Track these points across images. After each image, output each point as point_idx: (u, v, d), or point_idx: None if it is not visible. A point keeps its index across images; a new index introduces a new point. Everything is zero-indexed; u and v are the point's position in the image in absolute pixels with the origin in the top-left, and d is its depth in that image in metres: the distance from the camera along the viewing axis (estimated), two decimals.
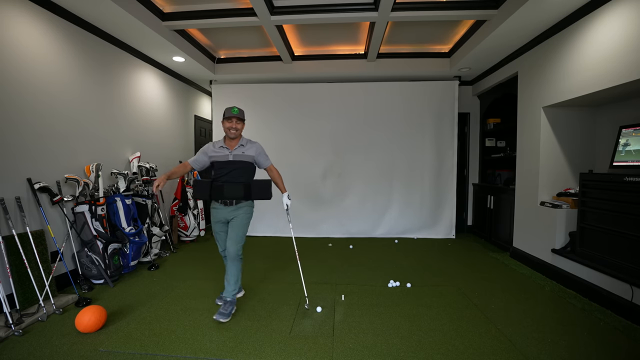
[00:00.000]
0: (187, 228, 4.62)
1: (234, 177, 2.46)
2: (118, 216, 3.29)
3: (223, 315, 2.31)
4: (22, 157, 2.57)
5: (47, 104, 2.79)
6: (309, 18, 3.45)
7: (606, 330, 2.22)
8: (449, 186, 4.93)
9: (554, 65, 3.20)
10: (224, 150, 2.48)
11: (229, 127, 2.45)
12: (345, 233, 5.02)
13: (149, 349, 1.98)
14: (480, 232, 4.94)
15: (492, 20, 3.35)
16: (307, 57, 4.75)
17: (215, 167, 2.49)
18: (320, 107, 5.03)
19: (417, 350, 1.98)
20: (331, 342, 2.07)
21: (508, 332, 2.18)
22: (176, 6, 3.44)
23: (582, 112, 3.37)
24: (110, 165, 3.51)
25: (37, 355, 1.91)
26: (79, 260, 2.95)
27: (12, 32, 2.51)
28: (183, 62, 4.38)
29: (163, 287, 2.98)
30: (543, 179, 3.43)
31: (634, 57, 2.34)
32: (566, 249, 3.11)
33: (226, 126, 2.46)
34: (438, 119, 4.89)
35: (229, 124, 2.45)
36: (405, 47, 4.52)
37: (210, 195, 2.45)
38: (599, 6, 2.66)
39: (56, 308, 2.44)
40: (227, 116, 2.44)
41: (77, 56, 3.11)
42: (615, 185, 2.55)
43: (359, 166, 5.02)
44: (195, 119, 5.56)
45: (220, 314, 2.32)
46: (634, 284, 2.32)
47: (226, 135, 2.50)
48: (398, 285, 3.02)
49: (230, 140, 2.50)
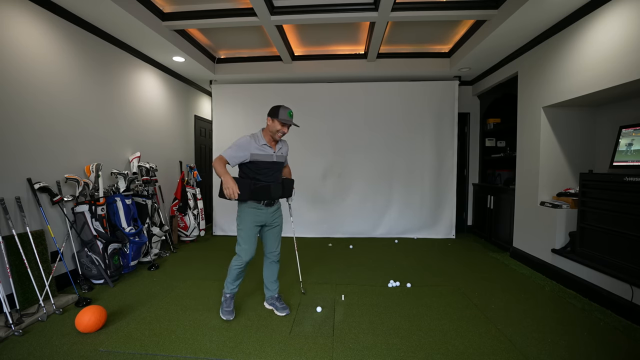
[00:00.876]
0: (187, 228, 4.62)
1: (276, 177, 2.38)
2: (118, 216, 3.29)
3: (285, 309, 2.45)
4: (22, 157, 2.57)
5: (47, 104, 2.79)
6: (309, 18, 3.45)
7: (606, 330, 2.21)
8: (449, 186, 4.93)
9: (554, 65, 3.20)
10: (268, 150, 2.31)
11: (280, 131, 2.27)
12: (345, 233, 5.03)
13: (149, 349, 1.98)
14: (480, 232, 4.94)
15: (492, 20, 3.35)
16: (307, 57, 4.75)
17: (256, 166, 2.28)
18: (320, 107, 5.03)
19: (417, 350, 1.98)
20: (331, 342, 2.07)
21: (508, 332, 2.18)
22: (176, 6, 3.44)
23: (582, 112, 3.37)
24: (110, 165, 3.51)
25: (37, 355, 1.91)
26: (79, 260, 2.95)
27: (12, 32, 2.51)
28: (183, 62, 4.38)
29: (163, 287, 2.98)
30: (543, 179, 3.43)
31: (634, 57, 2.34)
32: (566, 249, 3.11)
33: (277, 129, 2.26)
34: (438, 119, 4.89)
35: (282, 127, 2.27)
36: (405, 47, 4.52)
37: (251, 196, 2.25)
38: (599, 6, 2.66)
39: (56, 308, 2.44)
40: (283, 119, 2.23)
41: (77, 56, 3.11)
42: (615, 185, 2.55)
43: (359, 166, 5.02)
44: (195, 119, 5.56)
45: (283, 309, 2.45)
46: (634, 284, 2.32)
47: (272, 135, 2.31)
48: (398, 285, 3.02)
49: (271, 140, 2.34)
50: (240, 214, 2.33)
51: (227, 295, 2.40)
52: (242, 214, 2.32)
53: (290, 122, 2.27)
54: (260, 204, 2.31)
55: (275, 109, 2.27)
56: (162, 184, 4.45)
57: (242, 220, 2.32)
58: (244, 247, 2.30)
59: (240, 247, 2.31)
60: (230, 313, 2.37)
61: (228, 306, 2.39)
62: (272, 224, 2.42)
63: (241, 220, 2.32)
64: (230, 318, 2.35)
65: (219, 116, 5.16)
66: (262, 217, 2.33)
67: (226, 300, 2.40)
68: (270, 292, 2.54)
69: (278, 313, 2.45)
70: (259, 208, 2.31)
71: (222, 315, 2.36)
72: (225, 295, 2.40)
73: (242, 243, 2.31)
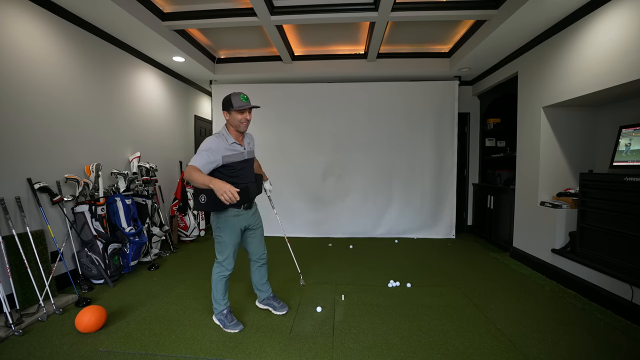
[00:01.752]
0: (187, 228, 4.62)
1: (250, 176, 2.20)
2: (118, 216, 3.29)
3: (284, 307, 2.46)
4: (22, 157, 2.57)
5: (46, 104, 2.79)
6: (309, 18, 3.45)
7: (606, 330, 2.21)
8: (449, 186, 4.93)
9: (554, 65, 3.20)
10: (238, 147, 2.13)
11: (241, 119, 2.07)
12: (345, 233, 5.02)
13: (149, 349, 1.98)
14: (480, 232, 4.94)
15: (492, 20, 3.35)
16: (307, 57, 4.75)
17: (231, 168, 2.09)
18: (320, 107, 5.03)
19: (417, 350, 1.98)
20: (331, 342, 2.07)
21: (508, 332, 2.18)
22: (176, 6, 3.43)
23: (582, 112, 3.37)
24: (110, 165, 3.51)
25: (37, 355, 1.91)
26: (79, 260, 2.95)
27: (12, 32, 2.51)
28: (183, 62, 4.38)
29: (163, 287, 2.98)
30: (543, 179, 3.43)
31: (634, 57, 2.34)
32: (566, 249, 3.11)
33: (238, 119, 2.07)
34: (438, 118, 4.89)
35: (241, 115, 2.07)
36: (405, 47, 4.52)
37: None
38: (598, 6, 2.66)
39: (56, 308, 2.44)
40: (238, 106, 2.04)
41: (77, 56, 3.11)
42: (615, 185, 2.55)
43: (359, 166, 5.02)
44: (195, 119, 5.56)
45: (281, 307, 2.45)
46: (634, 284, 2.32)
47: (236, 128, 2.11)
48: (398, 285, 3.02)
49: (238, 134, 2.14)
50: (220, 223, 2.14)
51: (225, 312, 2.24)
52: (222, 223, 2.13)
53: (248, 105, 2.07)
54: (240, 209, 2.15)
55: (227, 100, 2.08)
56: (162, 184, 4.45)
57: (223, 229, 2.14)
58: (227, 259, 2.18)
59: (223, 257, 2.18)
60: (237, 324, 2.22)
61: (231, 320, 2.22)
62: (255, 226, 2.30)
63: (222, 230, 2.14)
64: (241, 327, 2.21)
65: (219, 116, 5.16)
66: (244, 221, 2.19)
67: (225, 316, 2.23)
68: (265, 293, 2.49)
69: (277, 312, 2.43)
70: (240, 214, 2.16)
71: (229, 329, 2.19)
72: (222, 313, 2.23)
73: (224, 253, 2.17)
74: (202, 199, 2.01)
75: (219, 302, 2.25)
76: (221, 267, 2.21)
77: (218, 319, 2.26)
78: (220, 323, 2.24)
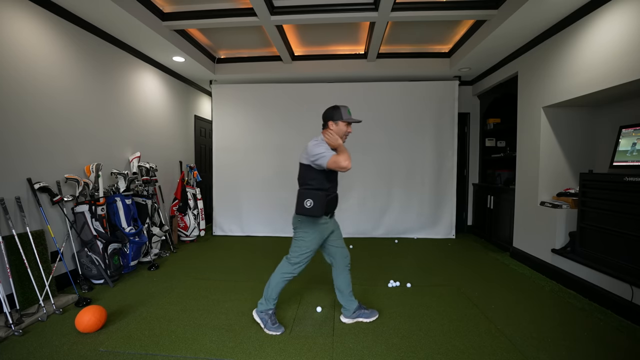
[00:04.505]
0: (187, 228, 4.62)
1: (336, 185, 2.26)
2: (118, 216, 3.29)
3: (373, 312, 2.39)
4: (22, 157, 2.57)
5: (46, 104, 2.78)
6: (309, 18, 3.45)
7: (606, 330, 2.21)
8: (449, 186, 4.93)
9: (554, 66, 3.20)
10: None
11: (347, 131, 2.14)
12: (345, 233, 4.92)
13: (149, 349, 1.98)
14: (480, 232, 4.94)
15: (492, 20, 3.35)
16: (307, 57, 4.75)
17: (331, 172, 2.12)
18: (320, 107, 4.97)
19: (417, 350, 1.98)
20: (331, 342, 2.07)
21: (508, 332, 2.18)
22: (176, 6, 3.44)
23: (582, 112, 3.37)
24: (110, 165, 3.51)
25: (37, 355, 1.91)
26: (79, 260, 2.95)
27: (11, 32, 2.51)
28: (183, 62, 4.38)
29: (163, 287, 2.98)
30: (543, 179, 3.43)
31: (634, 57, 2.34)
32: (566, 249, 3.11)
33: (344, 130, 2.13)
34: (438, 118, 4.89)
35: (348, 129, 2.15)
36: (405, 47, 4.52)
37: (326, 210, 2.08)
38: (599, 6, 2.66)
39: (56, 308, 2.44)
40: (348, 119, 2.11)
41: (77, 56, 3.11)
42: (615, 185, 2.55)
43: (359, 166, 5.00)
44: (195, 119, 5.56)
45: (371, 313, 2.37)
46: (634, 284, 2.32)
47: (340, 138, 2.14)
48: (398, 285, 3.02)
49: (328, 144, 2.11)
50: (308, 229, 2.13)
51: (270, 312, 2.22)
52: (311, 230, 2.13)
53: (357, 119, 2.18)
54: (327, 217, 2.17)
55: (335, 110, 2.14)
56: (162, 184, 4.45)
57: (309, 237, 2.13)
58: (301, 263, 2.18)
59: (297, 260, 2.17)
60: (279, 327, 2.19)
61: (274, 322, 2.19)
62: (336, 228, 2.31)
63: (308, 237, 2.14)
64: (282, 330, 2.18)
65: (219, 116, 5.16)
66: (329, 229, 2.22)
67: (270, 317, 2.20)
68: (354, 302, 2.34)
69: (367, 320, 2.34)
70: (327, 222, 2.18)
71: (271, 331, 2.16)
72: (267, 313, 2.21)
73: (301, 260, 2.17)
74: (307, 203, 2.03)
75: (270, 300, 2.22)
76: (291, 269, 2.19)
77: (260, 318, 2.22)
78: (262, 322, 2.21)
